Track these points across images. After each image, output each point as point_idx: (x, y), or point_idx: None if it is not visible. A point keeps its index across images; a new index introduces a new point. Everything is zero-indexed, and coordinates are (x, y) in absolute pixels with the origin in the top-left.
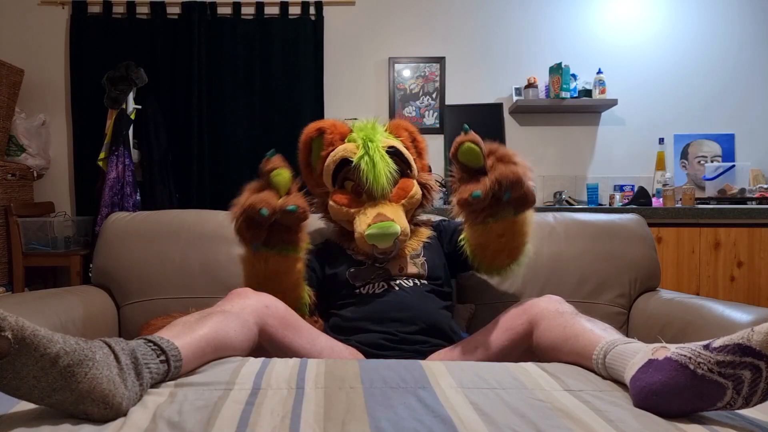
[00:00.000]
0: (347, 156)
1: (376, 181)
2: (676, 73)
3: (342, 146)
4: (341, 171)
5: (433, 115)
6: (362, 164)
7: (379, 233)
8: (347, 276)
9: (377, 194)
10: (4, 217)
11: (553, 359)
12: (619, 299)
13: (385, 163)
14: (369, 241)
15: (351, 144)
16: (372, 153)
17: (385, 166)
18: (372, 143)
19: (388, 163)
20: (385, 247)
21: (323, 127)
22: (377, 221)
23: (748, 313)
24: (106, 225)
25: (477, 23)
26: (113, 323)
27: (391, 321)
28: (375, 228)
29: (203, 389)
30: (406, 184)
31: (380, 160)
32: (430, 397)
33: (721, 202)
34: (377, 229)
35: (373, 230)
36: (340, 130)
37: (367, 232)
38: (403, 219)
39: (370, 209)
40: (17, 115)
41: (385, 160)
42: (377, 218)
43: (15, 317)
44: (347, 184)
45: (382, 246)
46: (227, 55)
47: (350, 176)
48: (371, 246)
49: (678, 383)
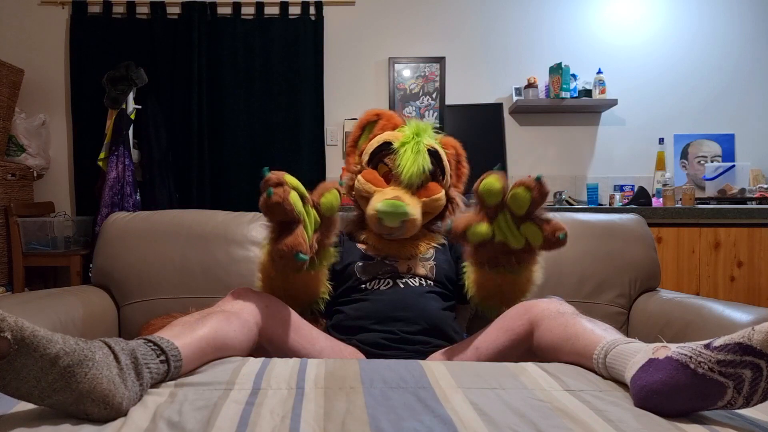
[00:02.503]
0: (390, 140)
1: (408, 168)
2: (676, 73)
3: (391, 132)
4: (380, 153)
5: (433, 115)
6: (402, 150)
7: (389, 210)
8: (355, 269)
9: (404, 180)
10: (4, 217)
11: (554, 359)
12: (619, 299)
13: (423, 156)
14: (378, 214)
15: (399, 132)
16: (415, 144)
17: (423, 159)
18: (418, 137)
19: (425, 158)
20: (391, 225)
21: (381, 113)
22: (392, 199)
23: (748, 313)
24: (106, 225)
25: (477, 23)
26: (113, 323)
27: (394, 320)
28: (387, 203)
29: (203, 389)
30: (435, 187)
31: (419, 151)
32: (430, 397)
33: (721, 202)
34: (389, 205)
35: (384, 206)
36: (395, 120)
37: (377, 206)
38: (417, 210)
39: (391, 191)
40: (17, 115)
41: (422, 154)
42: (394, 198)
43: (14, 318)
44: (380, 168)
45: (387, 223)
46: (227, 55)
47: (386, 160)
48: (377, 221)
49: (678, 382)
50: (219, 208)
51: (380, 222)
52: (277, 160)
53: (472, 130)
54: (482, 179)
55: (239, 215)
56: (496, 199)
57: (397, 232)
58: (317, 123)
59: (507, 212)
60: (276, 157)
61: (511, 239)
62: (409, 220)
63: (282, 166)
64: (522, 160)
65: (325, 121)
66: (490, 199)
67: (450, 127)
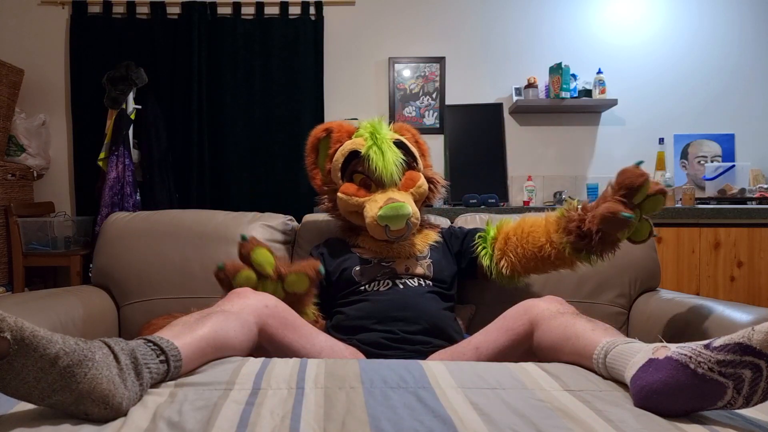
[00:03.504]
0: (356, 148)
1: (385, 167)
2: (676, 73)
3: (350, 141)
4: (350, 164)
5: (433, 115)
6: (371, 153)
7: (392, 214)
8: (353, 274)
9: (387, 181)
10: (4, 217)
11: (554, 359)
12: (619, 299)
13: (392, 151)
14: (381, 223)
15: (359, 138)
16: (380, 143)
17: (393, 154)
18: (379, 134)
19: (396, 152)
20: (398, 228)
21: (330, 127)
22: (388, 203)
23: (748, 313)
24: (106, 225)
25: (477, 23)
26: (113, 323)
27: (394, 320)
28: (387, 209)
29: (203, 389)
30: (413, 175)
31: (388, 148)
32: (430, 397)
33: (721, 202)
34: (390, 210)
35: (386, 211)
36: (347, 128)
37: (379, 214)
38: (413, 204)
39: (380, 195)
40: (17, 115)
41: (392, 149)
42: (388, 201)
43: (14, 318)
44: (356, 177)
45: (394, 227)
46: (227, 55)
47: (359, 168)
48: (383, 228)
49: (678, 382)
50: (219, 208)
51: (387, 229)
52: (277, 160)
53: (472, 130)
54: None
55: (239, 215)
56: (642, 197)
57: (405, 233)
58: (317, 123)
59: (640, 210)
60: (276, 157)
61: (637, 233)
62: (411, 219)
63: (282, 165)
64: (522, 160)
65: (325, 121)
66: (639, 197)
67: (450, 127)
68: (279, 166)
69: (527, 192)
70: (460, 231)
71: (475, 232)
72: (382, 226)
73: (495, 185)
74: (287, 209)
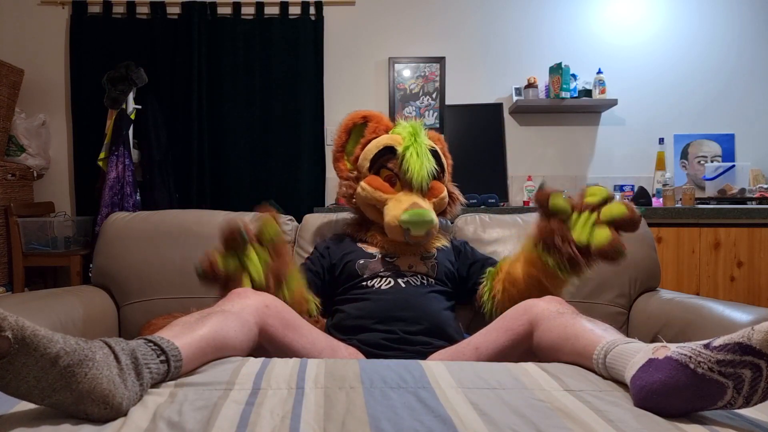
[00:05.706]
0: (392, 144)
1: (418, 172)
2: (676, 73)
3: (387, 135)
4: (381, 158)
5: (433, 115)
6: (407, 153)
7: (417, 219)
8: (356, 267)
9: (416, 185)
10: (4, 217)
11: (554, 359)
12: (619, 299)
13: (428, 158)
14: (404, 226)
15: (396, 135)
16: (418, 146)
17: (428, 161)
18: (419, 138)
19: (431, 159)
20: (418, 234)
21: (370, 115)
22: (414, 208)
23: (748, 313)
24: (106, 225)
25: (477, 23)
26: (113, 323)
27: (396, 320)
28: (413, 214)
29: (203, 389)
30: (439, 186)
31: (424, 153)
32: (430, 397)
33: (721, 202)
34: (415, 215)
35: (412, 216)
36: (386, 122)
37: (403, 217)
38: (434, 214)
39: (405, 197)
40: (17, 115)
41: (428, 156)
42: (413, 206)
43: (15, 317)
44: (382, 172)
45: (416, 233)
46: (227, 55)
47: (389, 165)
48: (404, 231)
49: (678, 382)
50: (219, 208)
51: (407, 233)
52: (277, 160)
53: (472, 130)
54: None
55: (239, 215)
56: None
57: (423, 240)
58: (317, 123)
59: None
60: (276, 157)
61: (577, 231)
62: (433, 226)
63: (282, 165)
64: (522, 160)
65: (325, 121)
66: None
67: (450, 127)
68: (279, 166)
69: (527, 192)
70: (471, 253)
71: (484, 261)
72: (403, 228)
73: (495, 185)
74: (287, 209)
